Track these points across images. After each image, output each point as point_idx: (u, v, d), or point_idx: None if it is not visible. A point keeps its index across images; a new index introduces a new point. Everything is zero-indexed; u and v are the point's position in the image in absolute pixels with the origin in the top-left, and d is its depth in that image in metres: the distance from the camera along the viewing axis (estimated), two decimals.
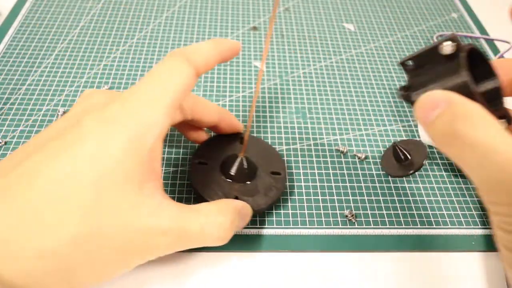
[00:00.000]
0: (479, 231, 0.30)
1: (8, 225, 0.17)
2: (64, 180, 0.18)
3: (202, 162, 0.29)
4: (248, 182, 0.28)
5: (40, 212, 0.17)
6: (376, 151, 0.34)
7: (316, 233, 0.29)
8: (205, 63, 0.22)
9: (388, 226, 0.30)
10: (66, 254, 0.18)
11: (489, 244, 0.29)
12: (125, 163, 0.19)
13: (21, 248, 0.17)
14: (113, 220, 0.19)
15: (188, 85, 0.21)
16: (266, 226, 0.29)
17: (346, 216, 0.30)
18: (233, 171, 0.28)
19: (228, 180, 0.28)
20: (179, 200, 0.30)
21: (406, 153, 0.32)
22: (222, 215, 0.22)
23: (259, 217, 0.29)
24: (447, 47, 0.21)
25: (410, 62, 0.24)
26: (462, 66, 0.20)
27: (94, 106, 0.21)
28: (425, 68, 0.23)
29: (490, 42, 0.47)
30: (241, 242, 0.28)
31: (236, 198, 0.27)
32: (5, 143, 0.32)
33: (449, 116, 0.19)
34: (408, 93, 0.23)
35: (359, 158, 0.34)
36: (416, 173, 0.33)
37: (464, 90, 0.20)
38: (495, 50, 0.46)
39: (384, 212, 0.30)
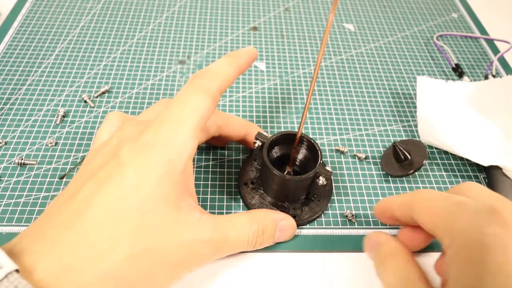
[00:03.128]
0: None
1: (70, 254, 0.19)
2: (111, 207, 0.20)
3: (250, 183, 0.30)
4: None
5: (95, 239, 0.19)
6: (376, 151, 0.34)
7: (316, 233, 0.29)
8: (226, 82, 0.24)
9: (388, 227, 0.30)
10: (123, 274, 0.19)
11: None
12: (162, 186, 0.21)
13: (83, 274, 0.19)
14: (159, 238, 0.20)
15: (210, 108, 0.23)
16: None
17: (346, 216, 0.30)
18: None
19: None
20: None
21: (406, 153, 0.32)
22: (255, 223, 0.24)
23: None
24: (257, 143, 0.28)
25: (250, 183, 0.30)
26: (264, 157, 0.27)
27: (127, 138, 0.23)
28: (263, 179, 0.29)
29: (490, 42, 0.47)
30: None
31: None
32: (5, 143, 0.32)
33: (375, 259, 0.24)
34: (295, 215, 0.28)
35: (359, 158, 0.34)
36: (416, 173, 0.33)
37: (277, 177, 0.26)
38: (495, 50, 0.46)
39: None
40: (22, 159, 0.31)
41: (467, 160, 0.34)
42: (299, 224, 0.29)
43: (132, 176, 0.21)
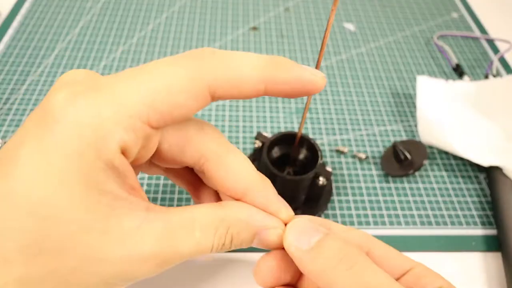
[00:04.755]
0: (479, 231, 0.30)
1: None
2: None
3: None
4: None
5: None
6: (376, 151, 0.34)
7: None
8: (231, 83, 0.16)
9: (388, 226, 0.29)
10: None
11: (489, 244, 0.29)
12: (69, 185, 0.14)
13: None
14: (71, 255, 0.15)
15: (173, 103, 0.16)
16: None
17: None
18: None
19: None
20: None
21: (406, 153, 0.32)
22: (223, 227, 0.17)
23: None
24: (257, 143, 0.27)
25: None
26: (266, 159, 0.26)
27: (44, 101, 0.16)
28: None
29: (490, 42, 0.47)
30: None
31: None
32: (5, 143, 0.32)
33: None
34: None
35: (359, 158, 0.34)
36: (416, 173, 0.33)
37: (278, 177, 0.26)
38: (495, 50, 0.46)
39: (384, 212, 0.30)
40: None
41: (467, 160, 0.34)
42: None
43: (24, 168, 0.14)
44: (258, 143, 0.28)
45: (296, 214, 0.28)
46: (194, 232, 0.16)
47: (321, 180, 0.27)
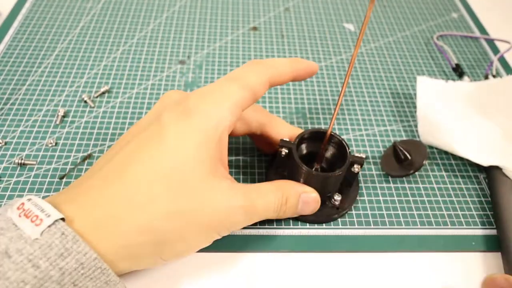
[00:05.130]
0: (479, 231, 0.30)
1: (111, 205, 0.21)
2: (151, 165, 0.21)
3: (278, 172, 0.30)
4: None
5: (134, 193, 0.21)
6: (376, 151, 0.34)
7: (316, 233, 0.29)
8: (278, 76, 0.26)
9: (388, 226, 0.30)
10: (158, 229, 0.21)
11: (489, 244, 0.29)
12: (199, 152, 0.22)
13: (122, 224, 0.20)
14: (194, 200, 0.21)
15: (257, 92, 0.25)
16: (266, 226, 0.29)
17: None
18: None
19: None
20: None
21: (406, 153, 0.32)
22: (279, 191, 0.25)
23: None
24: (283, 151, 0.27)
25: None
26: (295, 157, 0.26)
27: (171, 103, 0.24)
28: (290, 172, 0.28)
29: (490, 42, 0.47)
30: (240, 242, 0.28)
31: None
32: (5, 143, 0.32)
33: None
34: None
35: None
36: (416, 173, 0.33)
37: (307, 172, 0.26)
38: (495, 50, 0.46)
39: (384, 212, 0.30)
40: (22, 159, 0.31)
41: (467, 160, 0.34)
42: (344, 214, 0.29)
43: (171, 139, 0.22)
44: (284, 151, 0.27)
45: (338, 206, 0.29)
46: (262, 194, 0.24)
47: (356, 168, 0.27)
